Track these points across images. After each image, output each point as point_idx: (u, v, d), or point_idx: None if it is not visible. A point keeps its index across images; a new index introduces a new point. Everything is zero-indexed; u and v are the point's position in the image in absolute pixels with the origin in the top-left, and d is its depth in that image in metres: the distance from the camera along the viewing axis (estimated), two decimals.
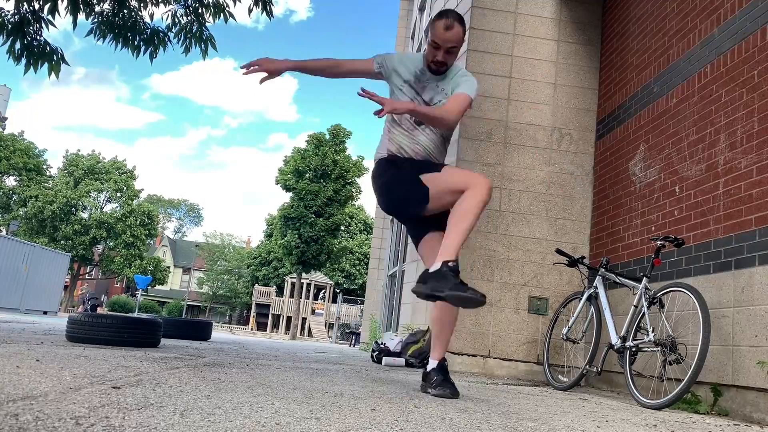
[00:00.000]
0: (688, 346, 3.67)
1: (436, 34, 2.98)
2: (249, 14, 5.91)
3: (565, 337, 4.82)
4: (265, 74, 3.04)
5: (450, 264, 2.69)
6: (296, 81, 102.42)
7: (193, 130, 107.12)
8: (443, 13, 3.02)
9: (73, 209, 36.49)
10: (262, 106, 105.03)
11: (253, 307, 41.28)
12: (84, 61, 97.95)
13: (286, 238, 28.26)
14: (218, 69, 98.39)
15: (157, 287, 46.59)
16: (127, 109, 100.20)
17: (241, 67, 3.01)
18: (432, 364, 3.10)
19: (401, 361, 5.92)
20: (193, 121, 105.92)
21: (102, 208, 38.39)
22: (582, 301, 4.79)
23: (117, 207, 38.97)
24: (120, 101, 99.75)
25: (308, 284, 38.08)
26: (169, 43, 5.81)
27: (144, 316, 6.87)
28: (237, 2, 5.88)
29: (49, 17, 5.34)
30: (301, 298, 33.73)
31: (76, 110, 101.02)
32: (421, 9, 11.99)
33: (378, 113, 2.72)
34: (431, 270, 2.75)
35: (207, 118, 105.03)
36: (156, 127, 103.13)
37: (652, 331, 3.83)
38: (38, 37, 5.35)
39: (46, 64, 5.34)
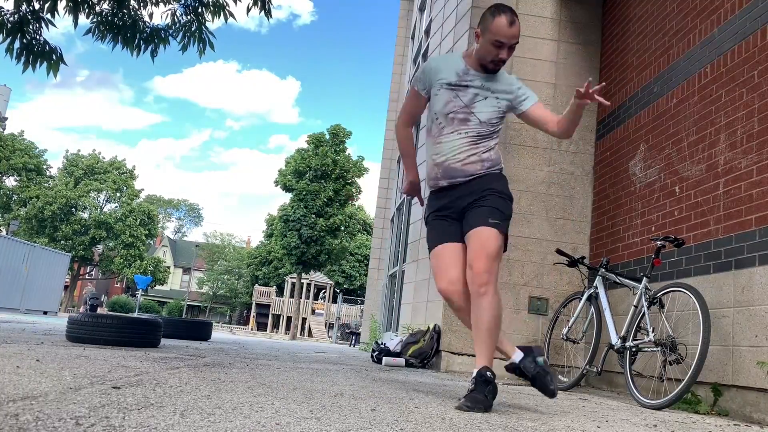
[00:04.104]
0: (688, 346, 3.67)
1: (499, 32, 2.70)
2: (247, 13, 5.91)
3: (565, 337, 4.81)
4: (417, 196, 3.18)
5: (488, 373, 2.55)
6: (299, 83, 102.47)
7: (195, 131, 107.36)
8: (501, 8, 2.74)
9: (73, 209, 36.48)
10: (265, 109, 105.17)
11: (253, 307, 41.26)
12: (88, 64, 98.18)
13: (286, 239, 28.26)
14: (221, 71, 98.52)
15: (157, 287, 46.59)
16: (130, 111, 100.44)
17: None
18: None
19: (401, 361, 5.92)
20: (195, 123, 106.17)
21: (102, 209, 38.38)
22: (582, 301, 4.79)
23: (116, 207, 38.96)
24: (123, 103, 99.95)
25: (308, 284, 38.06)
26: (169, 41, 5.80)
27: (144, 316, 6.87)
28: (237, 1, 5.87)
29: (49, 17, 5.34)
30: (301, 298, 33.71)
31: (79, 112, 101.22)
32: (421, 9, 11.99)
33: None
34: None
35: (209, 120, 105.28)
36: (158, 129, 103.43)
37: (652, 331, 3.83)
38: (38, 37, 5.35)
39: (44, 64, 5.33)
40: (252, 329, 39.09)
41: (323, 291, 41.15)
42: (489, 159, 2.87)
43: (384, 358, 5.98)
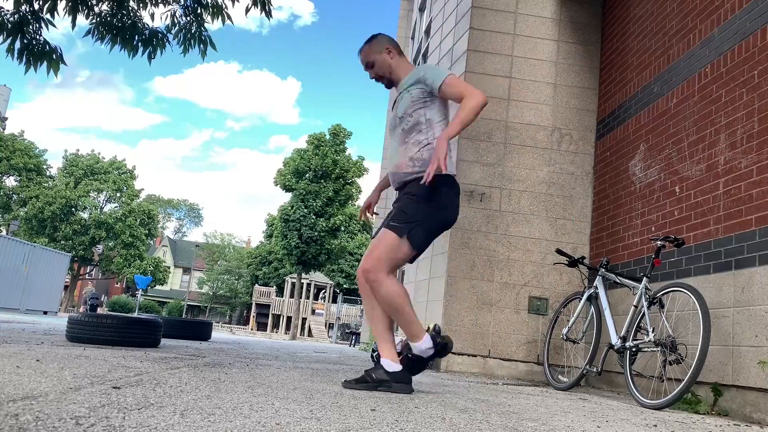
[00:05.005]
0: (688, 346, 3.67)
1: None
2: (246, 14, 5.91)
3: (565, 337, 4.81)
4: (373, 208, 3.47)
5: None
6: (299, 84, 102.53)
7: (195, 132, 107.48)
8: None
9: (73, 209, 36.48)
10: (265, 110, 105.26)
11: (253, 307, 41.24)
12: (88, 64, 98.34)
13: (286, 239, 28.25)
14: (222, 72, 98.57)
15: (157, 287, 46.58)
16: (130, 111, 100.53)
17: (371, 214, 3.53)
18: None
19: None
20: (195, 123, 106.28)
21: (102, 209, 38.37)
22: (582, 301, 4.79)
23: (116, 207, 38.95)
24: (124, 103, 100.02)
25: (308, 284, 38.05)
26: (168, 44, 5.80)
27: (144, 316, 6.87)
28: (236, 2, 5.87)
29: (49, 17, 5.34)
30: (301, 298, 33.71)
31: (79, 112, 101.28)
32: (421, 9, 11.99)
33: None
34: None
35: (210, 121, 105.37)
36: (159, 129, 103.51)
37: (652, 331, 3.83)
38: (38, 37, 5.35)
39: (45, 64, 5.33)
40: (252, 329, 39.07)
41: (323, 291, 41.13)
42: (420, 159, 3.02)
43: None
